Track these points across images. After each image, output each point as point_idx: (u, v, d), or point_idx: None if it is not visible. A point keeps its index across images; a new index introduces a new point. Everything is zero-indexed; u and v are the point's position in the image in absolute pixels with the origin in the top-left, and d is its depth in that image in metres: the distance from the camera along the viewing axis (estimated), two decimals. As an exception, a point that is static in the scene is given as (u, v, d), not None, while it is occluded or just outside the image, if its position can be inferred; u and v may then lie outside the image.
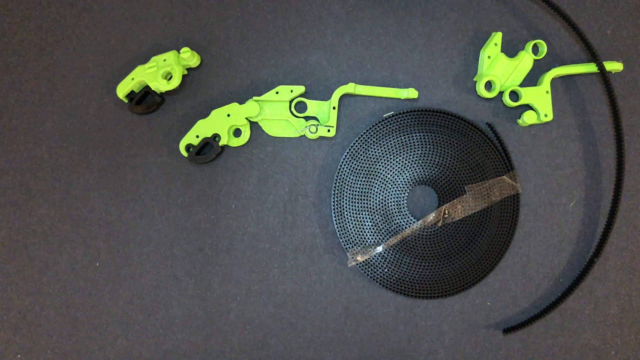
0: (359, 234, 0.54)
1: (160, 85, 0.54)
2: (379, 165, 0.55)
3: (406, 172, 0.55)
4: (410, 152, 0.55)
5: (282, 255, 0.56)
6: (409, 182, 0.55)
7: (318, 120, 0.56)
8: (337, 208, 0.54)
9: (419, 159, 0.55)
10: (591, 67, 0.56)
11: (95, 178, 0.56)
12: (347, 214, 0.54)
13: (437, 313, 0.56)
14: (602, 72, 0.55)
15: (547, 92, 0.56)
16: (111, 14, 0.58)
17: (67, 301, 0.55)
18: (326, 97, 0.57)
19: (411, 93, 0.55)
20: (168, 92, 0.57)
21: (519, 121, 0.57)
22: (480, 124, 0.57)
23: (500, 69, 0.56)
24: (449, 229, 0.55)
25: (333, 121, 0.55)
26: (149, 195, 0.56)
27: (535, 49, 0.57)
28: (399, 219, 0.55)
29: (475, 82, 0.57)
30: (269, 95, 0.55)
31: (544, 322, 0.56)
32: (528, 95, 0.56)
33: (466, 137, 0.55)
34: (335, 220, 0.54)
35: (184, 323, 0.55)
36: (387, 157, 0.55)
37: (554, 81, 0.57)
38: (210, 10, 0.58)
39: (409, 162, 0.55)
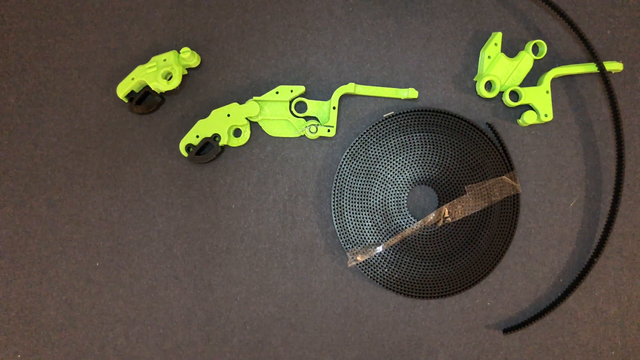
0: (359, 234, 0.54)
1: (160, 85, 0.54)
2: (379, 165, 0.55)
3: (406, 172, 0.55)
4: (410, 152, 0.55)
5: (282, 255, 0.56)
6: (409, 182, 0.55)
7: (318, 120, 0.56)
8: (337, 208, 0.54)
9: (419, 159, 0.55)
10: (591, 67, 0.56)
11: (95, 178, 0.56)
12: (347, 214, 0.54)
13: (437, 313, 0.56)
14: (602, 72, 0.55)
15: (547, 92, 0.56)
16: (111, 14, 0.58)
17: (67, 301, 0.55)
18: (326, 97, 0.57)
19: (411, 93, 0.55)
20: (168, 92, 0.57)
21: (519, 121, 0.57)
22: (480, 124, 0.57)
23: (500, 69, 0.56)
24: (449, 229, 0.55)
25: (333, 121, 0.55)
26: (149, 195, 0.56)
27: (535, 49, 0.57)
28: (399, 219, 0.55)
29: (475, 82, 0.57)
30: (269, 95, 0.55)
31: (544, 322, 0.56)
32: (528, 95, 0.56)
33: (466, 137, 0.55)
34: (335, 220, 0.54)
35: (184, 323, 0.55)
36: (387, 157, 0.55)
37: (554, 81, 0.57)
38: (210, 10, 0.58)
39: (409, 162, 0.55)
